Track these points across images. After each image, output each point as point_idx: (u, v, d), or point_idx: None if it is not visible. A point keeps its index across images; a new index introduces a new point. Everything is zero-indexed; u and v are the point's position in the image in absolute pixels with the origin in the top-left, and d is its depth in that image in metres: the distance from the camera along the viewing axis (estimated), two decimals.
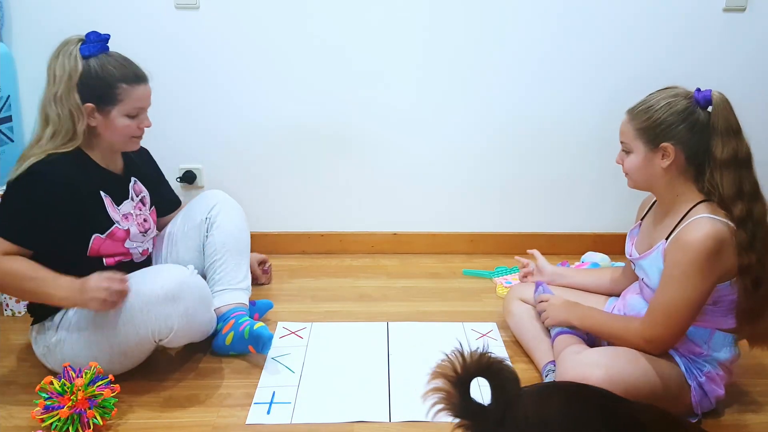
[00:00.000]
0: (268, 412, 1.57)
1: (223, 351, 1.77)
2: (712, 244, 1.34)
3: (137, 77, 1.61)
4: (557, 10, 2.31)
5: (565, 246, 2.55)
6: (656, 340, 1.44)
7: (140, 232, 1.74)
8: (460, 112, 2.43)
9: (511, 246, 2.56)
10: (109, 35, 1.62)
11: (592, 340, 1.69)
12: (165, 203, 1.94)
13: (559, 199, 2.54)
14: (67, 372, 1.47)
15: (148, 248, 1.79)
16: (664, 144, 1.43)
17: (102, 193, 1.65)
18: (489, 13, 2.31)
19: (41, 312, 1.64)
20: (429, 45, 2.35)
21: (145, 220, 1.77)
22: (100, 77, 1.56)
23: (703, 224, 1.36)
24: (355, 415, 1.55)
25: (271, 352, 1.83)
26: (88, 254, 1.62)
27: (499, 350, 1.85)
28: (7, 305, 2.03)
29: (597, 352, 1.49)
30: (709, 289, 1.38)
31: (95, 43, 1.57)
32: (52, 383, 1.46)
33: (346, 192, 2.51)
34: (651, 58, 2.34)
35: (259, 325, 1.72)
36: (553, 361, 1.64)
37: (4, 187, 1.58)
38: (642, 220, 1.64)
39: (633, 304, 1.59)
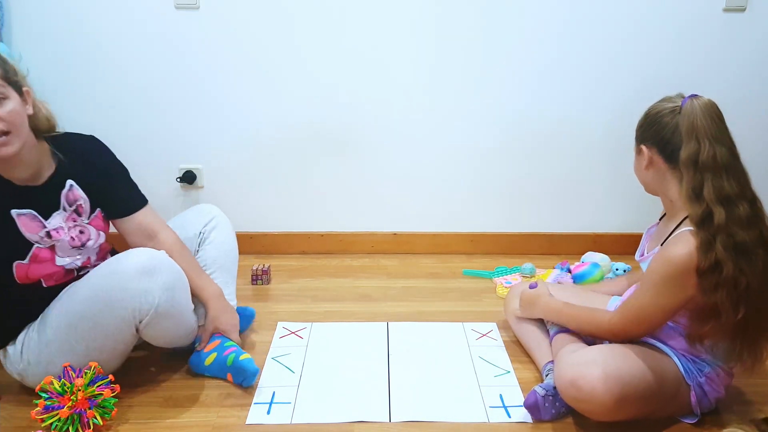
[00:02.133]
0: (268, 412, 1.57)
1: (199, 370, 1.68)
2: (689, 260, 1.35)
3: None
4: (562, 12, 2.31)
5: (565, 246, 2.55)
6: (622, 335, 1.51)
7: (74, 247, 1.57)
8: (460, 113, 2.43)
9: (511, 246, 2.56)
10: None
11: (590, 338, 1.69)
12: (117, 206, 1.67)
13: (559, 200, 2.54)
14: (67, 372, 1.47)
15: (89, 258, 1.61)
16: (641, 145, 1.49)
17: (13, 213, 1.48)
18: (494, 14, 2.31)
19: (2, 337, 1.57)
20: (431, 46, 2.35)
21: (81, 232, 1.59)
22: None
23: (685, 239, 1.37)
24: (355, 415, 1.55)
25: (271, 352, 1.83)
26: (18, 282, 1.51)
27: (499, 350, 1.85)
28: None
29: (593, 350, 1.50)
30: (682, 300, 1.39)
31: None
32: (52, 383, 1.45)
33: (346, 192, 2.51)
34: (653, 59, 2.34)
35: (245, 356, 1.63)
36: (554, 360, 1.64)
37: None
38: (660, 219, 1.64)
39: None
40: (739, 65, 2.36)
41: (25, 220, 1.50)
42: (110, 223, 1.69)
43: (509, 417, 1.56)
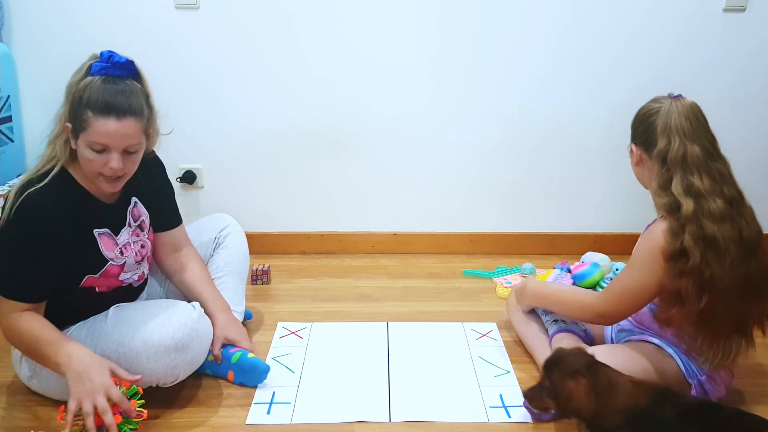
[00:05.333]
0: (268, 412, 1.57)
1: (201, 368, 1.65)
2: (662, 240, 1.40)
3: (107, 108, 1.39)
4: (563, 12, 2.31)
5: (565, 246, 2.55)
6: (608, 315, 1.53)
7: (136, 262, 1.63)
8: (460, 113, 2.43)
9: (511, 246, 2.56)
10: (126, 61, 1.47)
11: (590, 338, 1.70)
12: (163, 221, 1.75)
13: (559, 200, 2.54)
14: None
15: (144, 272, 1.68)
16: (631, 144, 1.54)
17: (96, 233, 1.53)
18: (494, 14, 2.31)
19: None
20: (431, 45, 2.35)
21: (142, 246, 1.65)
22: (78, 97, 1.40)
23: (662, 222, 1.42)
24: (355, 415, 1.55)
25: (271, 352, 1.83)
26: (80, 286, 1.54)
27: (499, 350, 1.85)
28: None
29: (594, 351, 1.49)
30: (657, 281, 1.42)
31: (101, 62, 1.44)
32: None
33: (346, 192, 2.51)
34: (653, 59, 2.34)
35: (252, 355, 1.67)
36: None
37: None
38: None
39: None
40: (739, 65, 2.36)
41: (104, 238, 1.55)
42: None
43: (509, 417, 1.56)
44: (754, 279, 1.40)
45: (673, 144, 1.41)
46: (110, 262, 1.56)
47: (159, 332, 1.47)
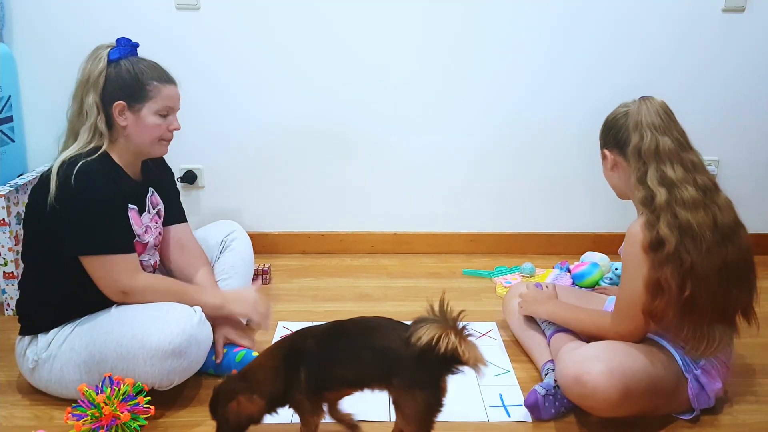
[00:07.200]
0: None
1: (205, 368, 1.67)
2: (640, 235, 1.43)
3: (168, 78, 1.62)
4: (556, 11, 2.32)
5: (565, 246, 2.55)
6: (628, 334, 1.50)
7: (154, 246, 1.71)
8: (460, 113, 2.43)
9: (510, 246, 2.57)
10: (138, 44, 1.63)
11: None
12: (171, 214, 1.82)
13: (558, 199, 2.54)
14: (104, 383, 1.44)
15: (156, 261, 1.74)
16: (603, 150, 1.57)
17: (130, 205, 1.62)
18: (488, 14, 2.32)
19: (35, 324, 1.58)
20: (429, 45, 2.35)
21: (159, 233, 1.73)
22: (132, 75, 1.56)
23: (638, 219, 1.46)
24: (355, 415, 1.55)
25: None
26: None
27: (498, 350, 1.86)
28: (8, 305, 2.03)
29: (595, 347, 1.50)
30: (649, 272, 1.42)
31: (125, 47, 1.59)
32: (86, 392, 1.41)
33: (346, 192, 2.52)
34: (650, 59, 2.35)
35: (256, 353, 1.67)
36: (552, 360, 1.65)
37: (58, 207, 1.48)
38: None
39: None
40: (738, 66, 2.36)
41: (134, 214, 1.64)
42: None
43: (509, 416, 1.56)
44: (732, 266, 1.42)
45: (645, 138, 1.45)
46: (137, 237, 1.63)
47: (158, 336, 1.48)
